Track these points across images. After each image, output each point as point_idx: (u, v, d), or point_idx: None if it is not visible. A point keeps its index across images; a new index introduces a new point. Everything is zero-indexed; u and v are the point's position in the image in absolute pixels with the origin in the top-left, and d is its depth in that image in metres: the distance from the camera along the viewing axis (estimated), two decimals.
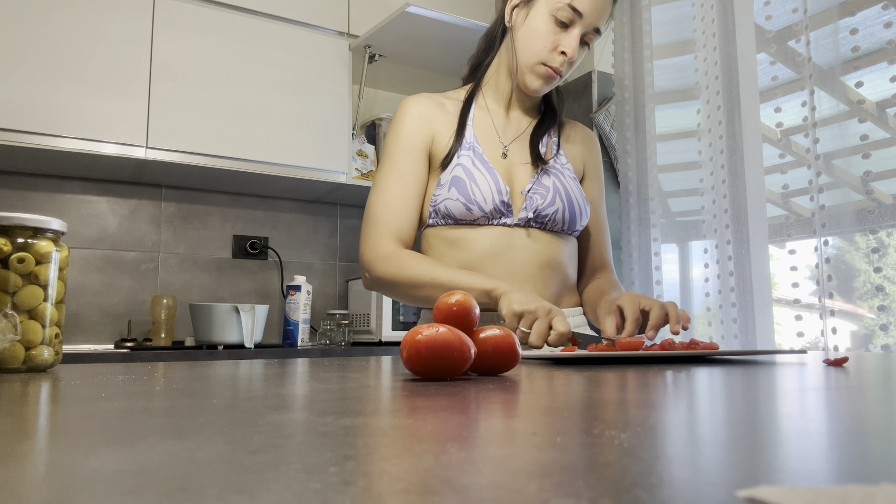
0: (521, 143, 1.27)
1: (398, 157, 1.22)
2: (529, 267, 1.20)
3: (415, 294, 1.15)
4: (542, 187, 1.22)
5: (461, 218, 1.19)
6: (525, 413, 0.36)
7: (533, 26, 1.19)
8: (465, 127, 1.24)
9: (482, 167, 1.19)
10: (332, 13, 2.44)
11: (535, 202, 1.20)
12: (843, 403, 0.41)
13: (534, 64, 1.20)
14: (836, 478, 0.21)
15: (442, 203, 1.19)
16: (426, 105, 1.26)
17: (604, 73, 2.50)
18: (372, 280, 1.20)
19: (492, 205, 1.17)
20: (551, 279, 1.23)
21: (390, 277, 1.16)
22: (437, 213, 1.20)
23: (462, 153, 1.21)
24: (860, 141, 1.69)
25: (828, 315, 1.70)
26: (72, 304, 2.27)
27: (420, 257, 1.16)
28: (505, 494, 0.18)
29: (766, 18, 1.96)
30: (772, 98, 1.95)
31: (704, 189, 2.09)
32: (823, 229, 1.75)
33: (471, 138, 1.23)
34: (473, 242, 1.19)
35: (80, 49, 2.03)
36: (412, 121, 1.24)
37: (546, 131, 1.30)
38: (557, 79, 1.21)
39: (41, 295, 0.70)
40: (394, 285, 1.17)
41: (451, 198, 1.18)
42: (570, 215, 1.23)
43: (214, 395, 0.45)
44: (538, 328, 0.96)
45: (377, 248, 1.18)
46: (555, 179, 1.23)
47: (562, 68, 1.19)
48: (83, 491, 0.19)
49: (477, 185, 1.18)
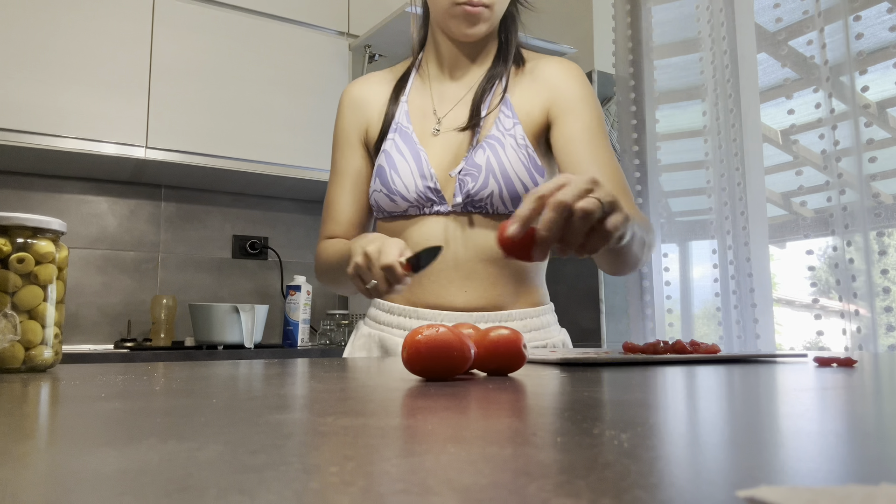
0: (461, 109, 1.11)
1: (335, 155, 1.18)
2: (472, 261, 1.05)
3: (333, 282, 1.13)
4: (473, 166, 1.04)
5: (390, 210, 1.08)
6: (525, 413, 0.36)
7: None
8: (398, 105, 1.12)
9: (407, 150, 1.07)
10: (331, 13, 2.44)
11: (465, 185, 1.04)
12: (843, 403, 0.41)
13: (447, 7, 1.05)
14: (836, 478, 0.21)
15: (372, 196, 1.11)
16: (359, 91, 1.18)
17: (604, 72, 2.50)
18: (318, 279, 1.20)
19: (415, 193, 1.05)
20: (500, 275, 1.07)
21: (317, 272, 1.17)
22: (373, 207, 1.13)
23: (389, 137, 1.10)
24: (863, 142, 1.69)
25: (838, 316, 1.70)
26: (72, 304, 2.27)
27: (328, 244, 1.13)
28: (505, 494, 0.18)
29: (776, 20, 1.96)
30: (778, 97, 1.95)
31: (711, 189, 2.09)
32: (831, 229, 1.75)
33: (401, 117, 1.11)
34: (409, 236, 1.07)
35: (80, 49, 2.03)
36: (343, 113, 1.18)
37: (490, 86, 1.10)
38: (484, 13, 1.05)
39: (41, 295, 0.70)
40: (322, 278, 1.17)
41: (376, 189, 1.09)
42: (511, 194, 1.04)
43: (214, 395, 0.45)
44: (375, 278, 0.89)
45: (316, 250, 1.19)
46: (490, 154, 1.04)
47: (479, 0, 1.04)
48: (83, 491, 0.19)
49: (397, 173, 1.06)
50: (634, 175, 2.28)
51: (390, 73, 1.21)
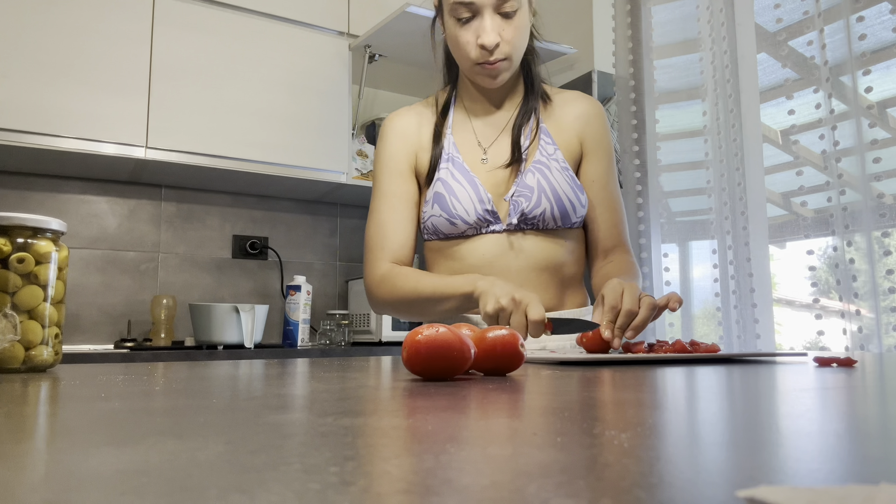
0: (502, 142, 1.23)
1: (384, 181, 1.23)
2: (525, 272, 1.18)
3: (411, 310, 1.18)
4: (525, 188, 1.17)
5: (448, 232, 1.18)
6: (525, 413, 0.36)
7: (450, 35, 1.16)
8: (444, 136, 1.22)
9: (462, 178, 1.18)
10: (332, 13, 2.44)
11: (519, 206, 1.16)
12: (843, 403, 0.41)
13: (470, 67, 1.16)
14: (836, 478, 0.21)
15: (429, 220, 1.19)
16: (405, 122, 1.26)
17: (604, 73, 2.50)
18: (374, 306, 1.24)
19: (475, 216, 1.16)
20: (550, 281, 1.20)
21: (386, 299, 1.19)
22: (427, 229, 1.21)
23: (442, 166, 1.19)
24: (867, 142, 1.69)
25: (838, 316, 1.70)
26: (72, 304, 2.27)
27: (408, 273, 1.17)
28: (505, 494, 0.18)
29: (777, 21, 1.96)
30: (778, 97, 1.95)
31: (711, 189, 2.09)
32: (831, 229, 1.75)
33: (450, 148, 1.21)
34: (466, 253, 1.19)
35: (80, 49, 2.03)
36: (392, 142, 1.24)
37: (528, 118, 1.23)
38: (503, 65, 1.14)
39: (41, 295, 0.70)
40: (392, 306, 1.20)
41: (436, 214, 1.18)
42: (561, 211, 1.17)
43: (214, 395, 0.45)
44: (514, 323, 0.96)
45: (373, 274, 1.21)
46: (539, 176, 1.17)
47: (497, 57, 1.13)
48: (83, 491, 0.19)
49: (457, 199, 1.16)
50: (634, 175, 2.28)
51: (425, 106, 1.29)
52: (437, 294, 1.11)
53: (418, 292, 1.14)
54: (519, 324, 0.96)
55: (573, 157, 1.24)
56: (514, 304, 0.97)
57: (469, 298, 1.07)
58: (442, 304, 1.12)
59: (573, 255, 1.23)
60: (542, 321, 0.95)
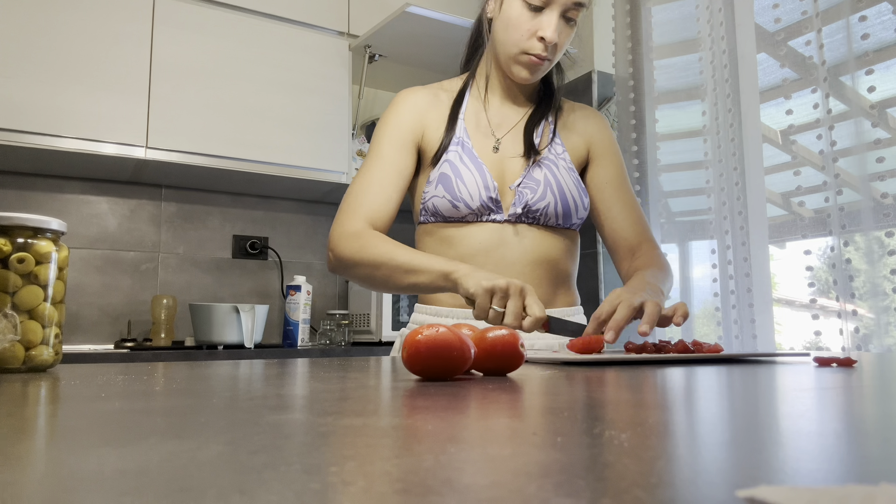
0: (515, 135, 1.24)
1: (384, 146, 1.20)
2: (521, 264, 1.18)
3: (374, 275, 1.10)
4: (532, 181, 1.18)
5: (449, 215, 1.17)
6: (525, 413, 0.36)
7: (508, 15, 1.15)
8: (457, 121, 1.22)
9: (470, 163, 1.17)
10: (332, 13, 2.44)
11: (524, 197, 1.17)
12: (843, 403, 0.41)
13: (515, 54, 1.16)
14: (836, 478, 0.21)
15: (430, 200, 1.18)
16: (420, 98, 1.24)
17: (604, 73, 2.50)
18: (335, 259, 1.15)
19: (479, 201, 1.15)
20: (544, 276, 1.20)
21: (351, 256, 1.11)
22: (427, 210, 1.19)
23: (451, 149, 1.19)
24: (869, 141, 1.68)
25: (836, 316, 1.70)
26: (72, 304, 2.27)
27: (385, 238, 1.11)
28: (505, 494, 0.18)
29: (775, 21, 1.96)
30: (777, 97, 1.95)
31: (711, 189, 2.09)
32: (828, 229, 1.75)
33: (461, 133, 1.21)
34: (463, 240, 1.18)
35: (81, 49, 2.03)
36: (403, 112, 1.22)
37: (542, 119, 1.26)
38: (545, 64, 1.17)
39: (41, 295, 0.70)
40: (354, 265, 1.11)
41: (438, 195, 1.16)
42: (564, 209, 1.19)
43: (214, 395, 0.45)
44: (512, 308, 0.94)
45: (344, 226, 1.13)
46: (546, 172, 1.19)
47: (545, 54, 1.15)
48: (83, 491, 0.19)
49: (463, 182, 1.16)
50: (634, 175, 2.28)
51: (440, 88, 1.28)
52: (412, 265, 1.05)
53: (391, 256, 1.07)
54: (516, 309, 0.94)
55: (579, 161, 1.27)
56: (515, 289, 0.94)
57: (446, 277, 1.02)
58: (413, 277, 1.06)
59: (569, 255, 1.24)
60: (543, 318, 0.94)
